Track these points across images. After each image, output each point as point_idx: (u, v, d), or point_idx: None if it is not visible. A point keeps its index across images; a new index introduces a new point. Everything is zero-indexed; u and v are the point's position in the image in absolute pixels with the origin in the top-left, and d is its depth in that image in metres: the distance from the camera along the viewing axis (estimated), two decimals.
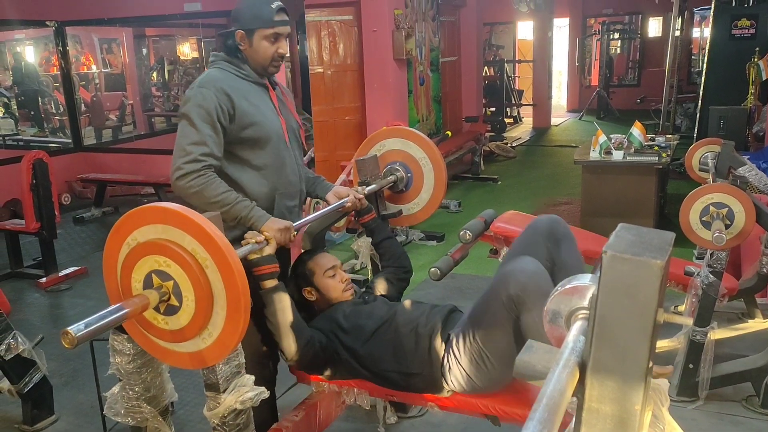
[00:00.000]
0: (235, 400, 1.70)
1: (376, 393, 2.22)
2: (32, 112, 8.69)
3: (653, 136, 5.61)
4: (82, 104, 8.24)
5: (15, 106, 8.49)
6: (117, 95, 8.98)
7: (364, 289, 2.37)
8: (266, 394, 1.76)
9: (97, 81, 8.95)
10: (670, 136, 5.63)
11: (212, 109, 1.93)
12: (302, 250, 2.37)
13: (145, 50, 9.10)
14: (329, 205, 2.29)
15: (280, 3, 2.05)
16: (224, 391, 1.69)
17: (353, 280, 2.31)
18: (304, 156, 2.33)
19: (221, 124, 1.95)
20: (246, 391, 1.72)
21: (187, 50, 9.28)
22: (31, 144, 8.07)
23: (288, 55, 2.09)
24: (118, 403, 1.73)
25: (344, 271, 2.27)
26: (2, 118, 8.09)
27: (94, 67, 8.82)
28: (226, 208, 1.91)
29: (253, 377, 1.75)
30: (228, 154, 2.02)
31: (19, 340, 2.74)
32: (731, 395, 2.84)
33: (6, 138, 7.95)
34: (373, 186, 2.47)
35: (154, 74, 9.37)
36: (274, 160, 2.08)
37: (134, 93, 8.92)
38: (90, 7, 7.37)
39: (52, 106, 8.71)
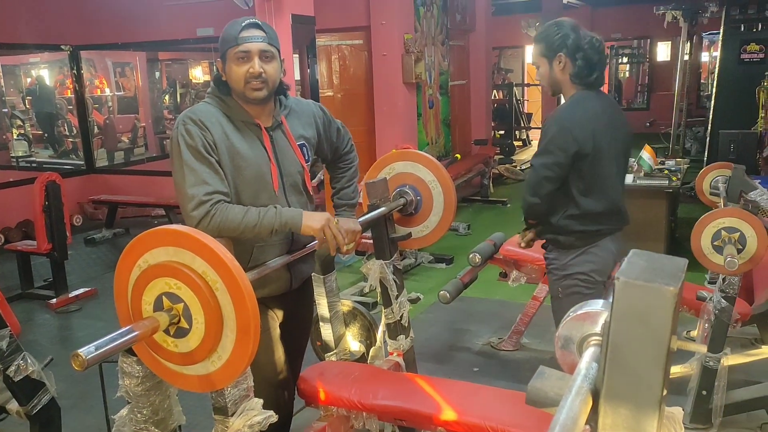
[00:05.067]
0: (243, 423, 1.68)
1: (385, 417, 2.21)
2: (46, 134, 8.81)
3: (663, 159, 5.61)
4: (95, 126, 8.35)
5: (29, 128, 8.62)
6: (129, 118, 9.09)
7: None
8: (275, 418, 1.74)
9: (110, 104, 9.08)
10: (680, 159, 5.64)
11: (200, 145, 1.82)
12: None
13: (157, 74, 9.22)
14: None
15: (253, 20, 1.90)
16: (232, 415, 1.68)
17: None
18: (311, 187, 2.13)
19: (213, 156, 1.84)
20: (254, 415, 1.71)
21: (199, 74, 9.40)
22: (44, 165, 8.17)
23: (264, 73, 1.87)
24: (126, 426, 1.72)
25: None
26: (16, 139, 8.20)
27: (107, 90, 8.95)
28: (257, 229, 1.83)
29: (261, 401, 1.74)
30: None
31: (29, 361, 2.74)
32: (745, 423, 2.79)
33: (20, 159, 8.05)
34: (382, 209, 2.47)
35: (167, 97, 9.49)
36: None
37: (146, 116, 9.03)
38: (104, 32, 7.51)
39: (66, 128, 8.82)
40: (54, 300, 4.69)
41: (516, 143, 11.69)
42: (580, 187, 2.36)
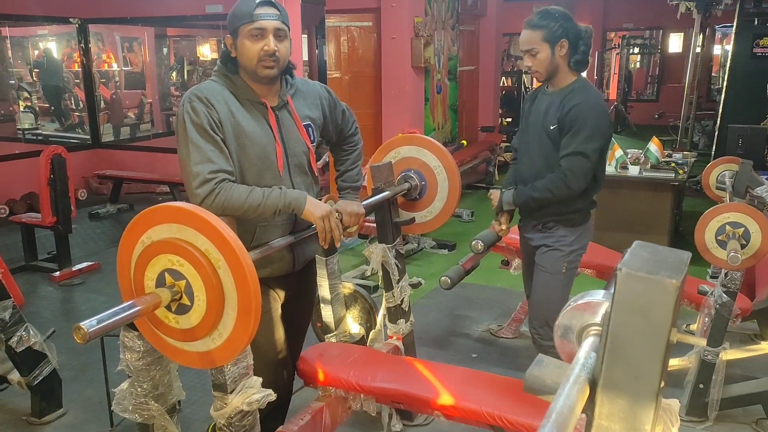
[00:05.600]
0: (242, 401, 1.70)
1: (383, 400, 2.22)
2: (53, 107, 8.80)
3: (670, 152, 5.57)
4: (102, 101, 8.33)
5: (36, 101, 8.60)
6: (136, 93, 9.07)
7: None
8: (273, 396, 1.76)
9: (117, 79, 9.05)
10: (687, 152, 5.59)
11: (205, 123, 1.81)
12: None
13: (165, 50, 9.18)
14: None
15: None
16: (231, 392, 1.69)
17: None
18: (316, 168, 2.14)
19: (218, 135, 1.84)
20: (253, 393, 1.72)
21: (206, 51, 9.36)
22: (51, 139, 8.17)
23: (277, 51, 1.86)
24: (126, 400, 1.74)
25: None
26: (23, 112, 8.19)
27: (114, 65, 8.92)
28: (260, 209, 1.83)
29: (260, 379, 1.75)
30: None
31: (31, 332, 2.77)
32: (741, 417, 2.80)
33: (26, 132, 8.04)
34: (386, 193, 2.47)
35: (174, 74, 9.45)
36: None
37: (153, 92, 9.01)
38: (113, 6, 7.46)
39: (72, 102, 8.81)
40: (57, 273, 4.71)
41: None
42: (600, 167, 2.51)
